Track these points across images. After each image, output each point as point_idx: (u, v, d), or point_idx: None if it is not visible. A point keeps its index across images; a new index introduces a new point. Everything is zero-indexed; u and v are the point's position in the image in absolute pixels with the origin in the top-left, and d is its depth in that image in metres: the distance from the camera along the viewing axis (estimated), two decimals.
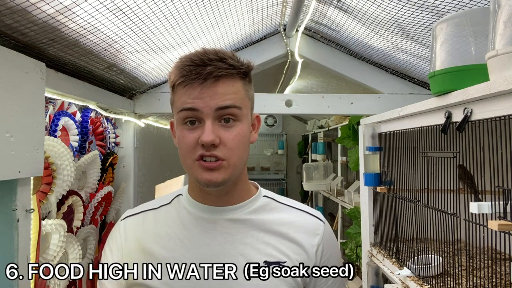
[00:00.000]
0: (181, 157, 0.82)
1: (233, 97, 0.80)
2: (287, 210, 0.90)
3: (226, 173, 0.80)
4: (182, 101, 0.79)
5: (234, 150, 0.80)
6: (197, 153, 0.78)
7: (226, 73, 0.79)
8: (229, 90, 0.79)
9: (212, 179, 0.79)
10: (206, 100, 0.77)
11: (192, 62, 0.79)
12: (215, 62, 0.78)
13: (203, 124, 0.78)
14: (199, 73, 0.77)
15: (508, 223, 0.84)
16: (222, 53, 0.80)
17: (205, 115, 0.78)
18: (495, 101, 0.88)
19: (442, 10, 1.27)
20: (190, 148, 0.79)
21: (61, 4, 1.00)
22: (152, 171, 2.57)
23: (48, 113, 1.40)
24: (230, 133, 0.79)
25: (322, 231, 0.88)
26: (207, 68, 0.77)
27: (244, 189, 0.89)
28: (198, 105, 0.77)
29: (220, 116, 0.79)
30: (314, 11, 1.83)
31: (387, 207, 1.62)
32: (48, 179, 1.32)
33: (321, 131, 4.91)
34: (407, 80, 2.15)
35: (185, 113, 0.79)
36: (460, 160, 1.07)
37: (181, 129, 0.81)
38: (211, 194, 0.85)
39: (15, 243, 1.08)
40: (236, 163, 0.81)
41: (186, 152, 0.80)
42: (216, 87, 0.78)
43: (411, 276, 1.33)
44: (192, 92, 0.78)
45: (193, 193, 0.88)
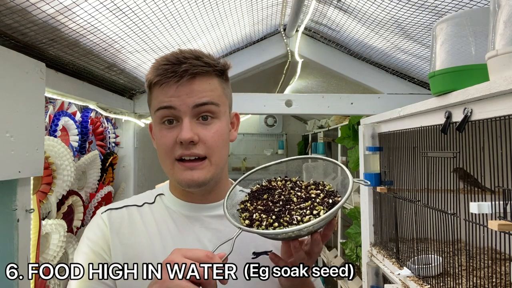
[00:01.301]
0: (160, 158, 0.82)
1: (210, 94, 0.80)
2: None
3: (209, 172, 0.80)
4: (159, 100, 0.79)
5: (214, 147, 0.80)
6: (176, 152, 0.78)
7: (202, 71, 0.79)
8: (205, 87, 0.79)
9: (194, 179, 0.78)
10: (183, 98, 0.77)
11: (168, 61, 0.79)
12: (190, 60, 0.78)
13: (180, 122, 0.78)
14: (175, 71, 0.77)
15: (508, 223, 0.84)
16: (198, 52, 0.81)
17: (182, 113, 0.78)
18: (495, 101, 0.88)
19: (442, 10, 1.27)
20: (169, 148, 0.79)
21: (61, 4, 1.00)
22: (152, 171, 2.57)
23: (48, 113, 1.40)
24: (208, 130, 0.79)
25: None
26: (182, 66, 0.77)
27: (226, 186, 0.89)
28: (175, 103, 0.77)
29: (198, 113, 0.79)
30: (314, 11, 1.83)
31: (387, 207, 1.62)
32: (48, 179, 1.32)
33: (321, 131, 4.90)
34: (407, 80, 2.15)
35: (162, 112, 0.79)
36: (460, 160, 1.07)
37: (159, 129, 0.80)
38: (194, 193, 0.85)
39: (15, 243, 1.08)
40: (218, 161, 0.81)
41: (164, 152, 0.80)
42: (192, 84, 0.78)
43: (411, 276, 1.33)
44: (168, 91, 0.78)
45: (176, 191, 0.88)
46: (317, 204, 0.74)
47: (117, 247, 0.83)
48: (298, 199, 0.77)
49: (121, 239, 0.83)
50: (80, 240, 0.86)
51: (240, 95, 2.04)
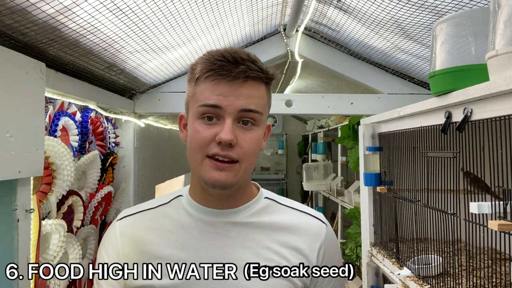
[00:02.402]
0: (191, 151, 0.79)
1: (257, 101, 0.78)
2: (289, 212, 0.88)
3: (236, 176, 0.78)
4: (205, 96, 0.76)
5: (248, 153, 0.78)
6: (210, 150, 0.76)
7: (256, 76, 0.77)
8: (255, 93, 0.78)
9: (221, 179, 0.76)
10: (231, 99, 0.75)
11: (223, 58, 0.76)
12: (247, 62, 0.76)
13: (222, 121, 0.76)
14: (230, 70, 0.75)
15: (508, 223, 0.84)
16: (252, 55, 0.79)
17: (227, 114, 0.76)
18: (495, 101, 0.88)
19: (442, 10, 1.27)
20: (204, 144, 0.76)
21: (61, 4, 1.00)
22: (152, 171, 2.57)
23: (48, 113, 1.40)
24: (247, 135, 0.77)
25: (324, 233, 0.87)
26: (239, 67, 0.75)
27: (246, 192, 0.87)
28: (222, 103, 0.75)
29: (241, 117, 0.77)
30: (314, 11, 1.83)
31: (387, 207, 1.62)
32: (48, 179, 1.32)
33: (321, 131, 4.90)
34: (407, 80, 2.15)
35: (206, 109, 0.76)
36: (460, 160, 1.07)
37: (197, 123, 0.78)
38: (213, 196, 0.83)
39: (15, 243, 1.08)
40: (247, 167, 0.80)
41: (197, 147, 0.77)
42: (243, 87, 0.76)
43: (411, 276, 1.33)
44: (217, 88, 0.76)
45: (194, 194, 0.86)
46: None
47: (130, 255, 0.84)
48: None
49: (133, 246, 0.84)
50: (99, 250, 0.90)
51: None
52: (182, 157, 3.87)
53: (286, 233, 0.84)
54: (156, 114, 2.41)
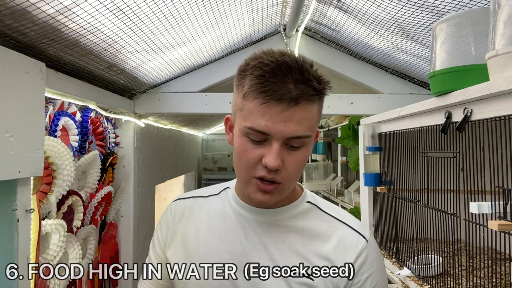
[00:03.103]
0: (238, 169, 0.79)
1: (307, 126, 0.73)
2: (329, 221, 0.85)
3: (279, 195, 0.78)
4: (253, 120, 0.72)
5: (293, 174, 0.76)
6: (257, 172, 0.75)
7: (309, 99, 0.72)
8: (305, 116, 0.73)
9: (265, 201, 0.77)
10: (280, 126, 0.71)
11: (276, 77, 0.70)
12: (300, 85, 0.71)
13: (269, 143, 0.73)
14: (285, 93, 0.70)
15: (508, 223, 0.84)
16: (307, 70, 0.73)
17: (274, 139, 0.73)
18: (495, 101, 0.88)
19: (442, 10, 1.27)
20: (251, 164, 0.75)
21: (61, 4, 1.00)
22: (152, 171, 2.57)
23: (48, 113, 1.40)
24: (294, 157, 0.75)
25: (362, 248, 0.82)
26: (293, 92, 0.70)
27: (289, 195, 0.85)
28: (270, 130, 0.71)
29: (289, 142, 0.74)
30: (314, 11, 1.83)
31: (387, 207, 1.62)
32: (48, 179, 1.32)
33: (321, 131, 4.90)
34: (407, 80, 2.15)
35: (252, 132, 0.73)
36: (460, 160, 1.07)
37: (244, 141, 0.76)
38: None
39: (15, 243, 1.08)
40: (291, 186, 0.79)
41: (245, 167, 0.76)
42: (294, 112, 0.71)
43: (411, 276, 1.33)
44: (266, 113, 0.71)
45: (239, 191, 0.88)
46: None
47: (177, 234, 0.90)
48: None
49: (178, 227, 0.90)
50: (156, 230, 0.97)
51: None
52: (182, 157, 3.87)
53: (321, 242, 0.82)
54: (156, 114, 2.41)
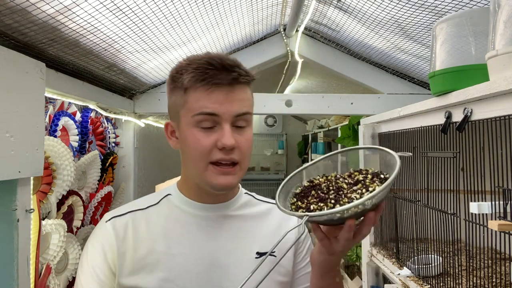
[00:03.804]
0: (193, 160, 0.82)
1: (247, 104, 0.83)
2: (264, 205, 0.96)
3: (238, 176, 0.83)
4: (201, 105, 0.79)
5: (246, 154, 0.83)
6: (214, 156, 0.79)
7: (245, 80, 0.81)
8: (245, 96, 0.82)
9: (227, 184, 0.81)
10: (226, 106, 0.79)
11: (213, 66, 0.78)
12: (236, 69, 0.80)
13: (219, 128, 0.79)
14: (223, 78, 0.78)
15: (508, 223, 0.84)
16: (236, 60, 0.82)
17: (224, 120, 0.79)
18: (495, 101, 0.88)
19: (442, 10, 1.27)
20: (207, 151, 0.79)
21: (61, 4, 1.00)
22: (152, 171, 2.57)
23: (48, 113, 1.40)
24: (243, 137, 0.82)
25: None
26: (231, 74, 0.78)
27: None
28: (219, 111, 0.78)
29: (236, 121, 0.81)
30: (314, 11, 1.83)
31: (387, 207, 1.62)
32: (48, 179, 1.32)
33: (321, 131, 4.90)
34: (407, 80, 2.15)
35: (203, 117, 0.79)
36: (460, 160, 1.07)
37: (195, 131, 0.80)
38: (210, 194, 0.86)
39: (15, 243, 1.08)
40: (245, 166, 0.85)
41: (200, 156, 0.80)
42: (234, 93, 0.80)
43: (411, 276, 1.33)
44: (212, 96, 0.78)
45: (189, 193, 0.88)
46: (368, 183, 0.75)
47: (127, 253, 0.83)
48: (348, 185, 0.77)
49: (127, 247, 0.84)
50: (83, 254, 0.85)
51: None
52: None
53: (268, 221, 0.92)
54: (156, 114, 2.41)
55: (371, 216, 0.71)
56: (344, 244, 0.72)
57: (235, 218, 0.89)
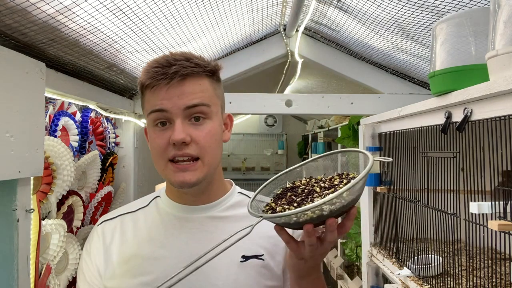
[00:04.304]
0: (154, 159, 0.82)
1: (201, 95, 0.80)
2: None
3: (201, 172, 0.80)
4: (151, 104, 0.80)
5: (207, 148, 0.80)
6: (169, 153, 0.79)
7: (192, 72, 0.79)
8: (196, 88, 0.80)
9: (186, 180, 0.79)
10: (174, 100, 0.78)
11: (158, 64, 0.79)
12: (180, 62, 0.79)
13: (173, 124, 0.79)
14: (165, 73, 0.77)
15: (508, 223, 0.84)
16: (188, 54, 0.82)
17: (174, 115, 0.78)
18: (495, 101, 0.88)
19: (442, 10, 1.27)
20: (162, 149, 0.79)
21: (61, 4, 1.00)
22: (152, 171, 2.57)
23: (48, 113, 1.40)
24: (200, 131, 0.80)
25: None
26: (172, 68, 0.78)
27: (219, 186, 0.90)
28: (166, 106, 0.78)
29: (190, 115, 0.79)
30: (314, 11, 1.83)
31: (387, 207, 1.62)
32: (48, 179, 1.32)
33: (321, 131, 4.90)
34: (407, 80, 2.15)
35: (154, 115, 0.79)
36: (460, 160, 1.07)
37: (152, 131, 0.81)
38: (187, 194, 0.86)
39: (15, 243, 1.08)
40: (211, 161, 0.81)
41: (158, 154, 0.80)
42: (182, 86, 0.78)
43: (411, 276, 1.33)
44: (159, 93, 0.78)
45: (171, 194, 0.89)
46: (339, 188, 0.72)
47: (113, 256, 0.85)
48: (321, 189, 0.75)
49: (113, 250, 0.86)
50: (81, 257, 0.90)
51: (240, 95, 2.03)
52: None
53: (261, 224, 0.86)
54: None
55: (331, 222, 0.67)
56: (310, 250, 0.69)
57: (222, 219, 0.87)
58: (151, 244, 0.84)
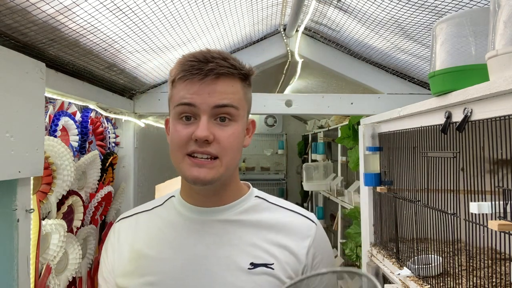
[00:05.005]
0: (171, 151, 0.82)
1: (231, 96, 0.80)
2: (279, 211, 0.89)
3: (217, 172, 0.79)
4: (180, 96, 0.79)
5: (228, 149, 0.79)
6: (189, 148, 0.78)
7: (227, 72, 0.79)
8: (228, 89, 0.79)
9: (200, 176, 0.77)
10: (204, 97, 0.77)
11: (195, 58, 0.79)
12: (217, 60, 0.78)
13: (198, 120, 0.78)
14: (200, 68, 0.77)
15: (508, 223, 0.84)
16: (225, 54, 0.81)
17: (201, 111, 0.77)
18: (495, 101, 0.88)
19: (442, 10, 1.27)
20: (182, 143, 0.78)
21: (61, 4, 1.00)
22: (152, 171, 2.57)
23: (48, 113, 1.40)
24: (224, 131, 0.79)
25: (314, 233, 0.87)
26: (208, 65, 0.77)
27: (234, 190, 0.88)
28: (196, 101, 0.77)
29: (217, 114, 0.79)
30: (314, 11, 1.83)
31: (387, 207, 1.62)
32: (48, 179, 1.32)
33: (321, 131, 4.90)
34: (407, 80, 2.15)
35: (182, 107, 0.79)
36: (460, 160, 1.07)
37: (176, 123, 0.80)
38: (199, 194, 0.85)
39: (15, 243, 1.08)
40: (229, 163, 0.80)
41: (177, 147, 0.79)
42: (215, 84, 0.78)
43: (411, 276, 1.33)
44: (191, 87, 0.78)
45: (184, 194, 0.88)
46: None
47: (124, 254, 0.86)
48: None
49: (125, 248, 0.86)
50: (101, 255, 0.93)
51: None
52: None
53: (275, 231, 0.85)
54: (156, 114, 2.41)
55: None
56: None
57: (233, 223, 0.85)
58: (161, 244, 0.84)
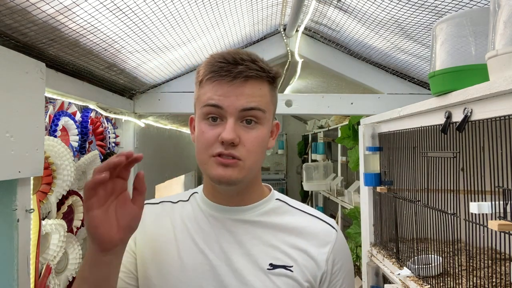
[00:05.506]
0: (197, 152, 0.82)
1: (259, 99, 0.80)
2: (299, 215, 0.89)
3: (241, 173, 0.79)
4: (208, 97, 0.79)
5: (252, 152, 0.79)
6: (215, 150, 0.78)
7: (256, 75, 0.79)
8: (256, 92, 0.79)
9: (226, 176, 0.78)
10: (232, 100, 0.77)
11: (224, 60, 0.78)
12: (246, 62, 0.78)
13: (225, 122, 0.78)
14: (230, 70, 0.77)
15: (508, 223, 0.84)
16: (254, 56, 0.81)
17: (228, 114, 0.78)
18: (495, 101, 0.88)
19: (442, 10, 1.27)
20: (209, 144, 0.79)
21: (61, 4, 1.00)
22: (152, 171, 2.57)
23: (48, 113, 1.40)
24: (250, 134, 0.79)
25: (334, 239, 0.87)
26: (238, 67, 0.77)
27: (256, 191, 0.88)
28: (223, 103, 0.77)
29: (243, 117, 0.79)
30: (314, 11, 1.83)
31: (387, 207, 1.62)
32: (48, 179, 1.32)
33: (321, 131, 4.91)
34: (407, 80, 2.15)
35: (208, 108, 0.79)
36: (460, 160, 1.07)
37: (202, 124, 0.81)
38: (221, 193, 0.86)
39: (15, 243, 1.08)
40: (252, 165, 0.81)
41: (203, 148, 0.80)
42: (244, 87, 0.78)
43: (411, 276, 1.33)
44: (219, 89, 0.78)
45: (207, 191, 0.89)
46: None
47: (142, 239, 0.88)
48: None
49: (146, 232, 0.88)
50: None
51: None
52: (182, 157, 3.87)
53: (295, 235, 0.85)
54: (156, 114, 2.41)
55: None
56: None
57: (253, 223, 0.85)
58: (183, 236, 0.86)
